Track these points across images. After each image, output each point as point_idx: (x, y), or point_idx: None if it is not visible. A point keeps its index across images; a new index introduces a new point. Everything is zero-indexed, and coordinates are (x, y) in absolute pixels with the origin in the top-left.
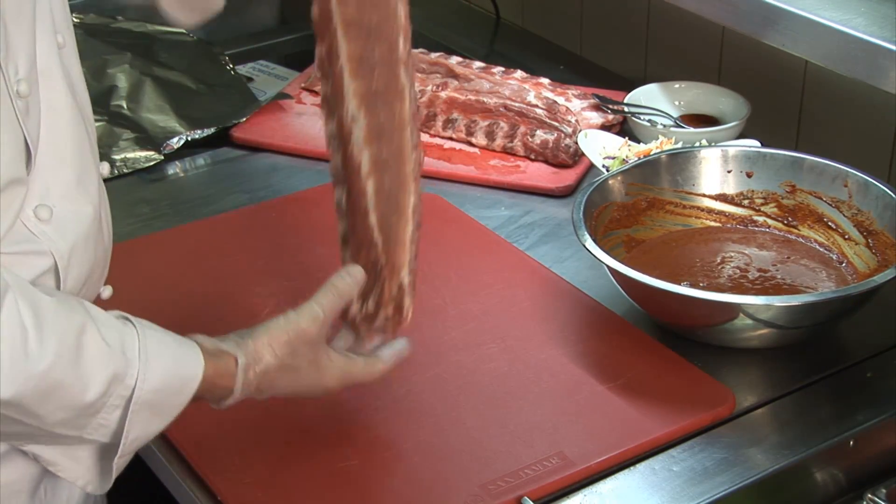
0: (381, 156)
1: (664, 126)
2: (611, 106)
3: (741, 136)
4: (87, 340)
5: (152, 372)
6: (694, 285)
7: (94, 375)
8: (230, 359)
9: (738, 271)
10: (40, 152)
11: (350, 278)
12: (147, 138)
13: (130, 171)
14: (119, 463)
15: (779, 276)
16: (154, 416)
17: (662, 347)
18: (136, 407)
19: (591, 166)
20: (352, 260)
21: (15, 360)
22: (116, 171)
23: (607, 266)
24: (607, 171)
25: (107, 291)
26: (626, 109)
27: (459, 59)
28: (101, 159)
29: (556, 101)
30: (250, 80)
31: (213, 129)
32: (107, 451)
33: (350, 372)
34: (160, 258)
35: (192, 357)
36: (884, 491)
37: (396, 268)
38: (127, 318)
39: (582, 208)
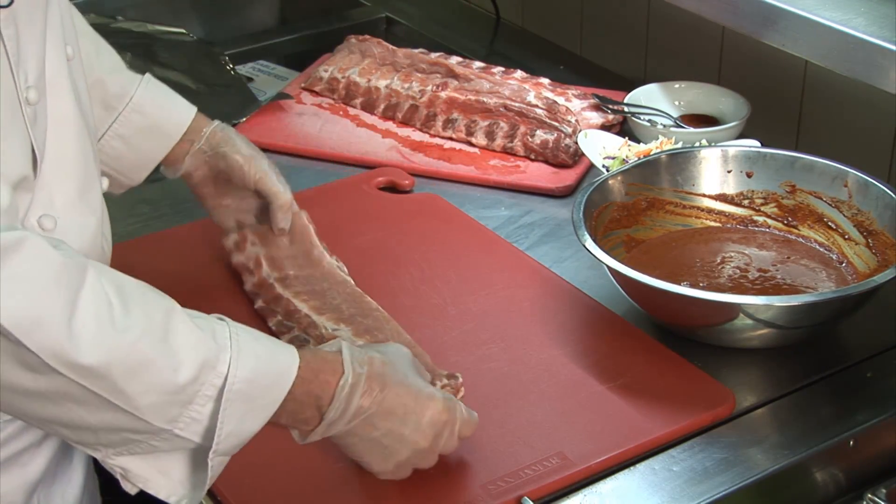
0: (376, 337)
1: (664, 126)
2: (611, 106)
3: (741, 136)
4: (176, 322)
5: (245, 361)
6: (694, 285)
7: (185, 357)
8: (334, 355)
9: (738, 271)
10: (46, 161)
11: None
12: None
13: None
14: (214, 463)
15: (779, 276)
16: (248, 412)
17: (662, 347)
18: (230, 396)
19: (591, 166)
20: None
21: (102, 327)
22: None
23: (607, 266)
24: (607, 171)
25: None
26: (625, 109)
27: (459, 59)
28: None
29: (556, 101)
30: (250, 80)
31: None
32: (199, 462)
33: (453, 408)
34: (160, 258)
35: (286, 350)
36: (884, 491)
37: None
38: (217, 316)
39: (582, 208)
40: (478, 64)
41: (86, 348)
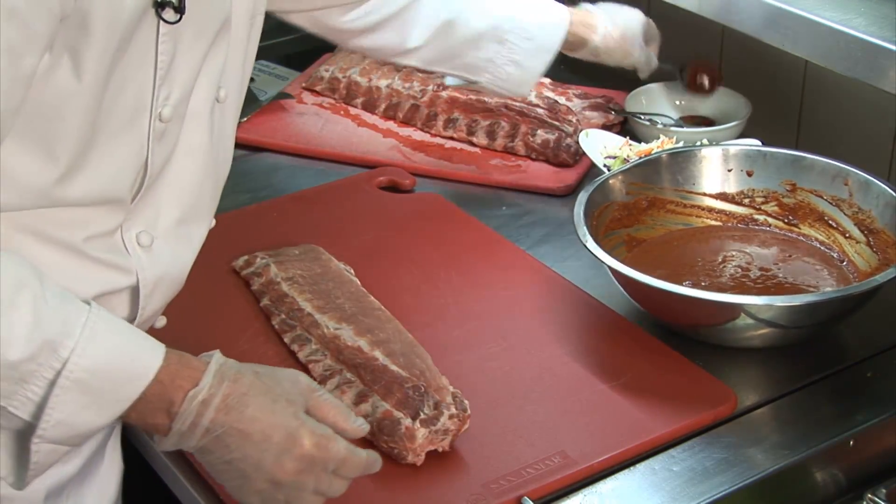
0: (377, 337)
1: (664, 125)
2: (613, 108)
3: (742, 135)
4: (25, 297)
5: (93, 350)
6: (696, 285)
7: (20, 334)
8: (200, 364)
9: (739, 270)
10: (162, 182)
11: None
12: None
13: None
14: (40, 449)
15: (780, 275)
16: (89, 404)
17: (664, 346)
18: (65, 384)
19: (592, 166)
20: (385, 398)
21: None
22: None
23: (608, 266)
24: (608, 170)
25: (161, 321)
26: (627, 110)
27: None
28: None
29: (556, 101)
30: (251, 79)
31: None
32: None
33: (325, 446)
34: None
35: (153, 352)
36: (884, 491)
37: (440, 386)
38: (89, 302)
39: (583, 208)
40: None
41: None
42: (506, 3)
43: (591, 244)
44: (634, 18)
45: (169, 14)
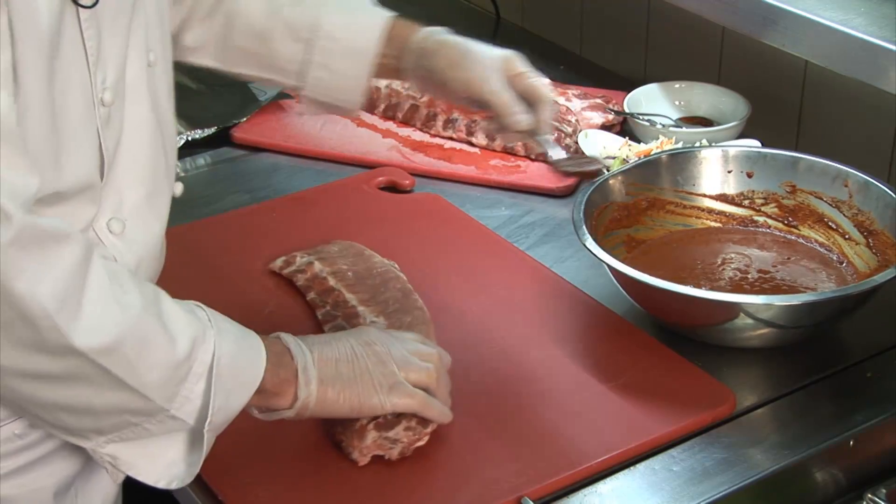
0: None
1: (664, 126)
2: (613, 108)
3: (741, 136)
4: (165, 302)
5: (226, 337)
6: (695, 287)
7: (179, 332)
8: (276, 338)
9: (738, 273)
10: (117, 165)
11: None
12: None
13: None
14: (208, 437)
15: (779, 277)
16: (234, 388)
17: (663, 347)
18: (220, 371)
19: None
20: None
21: (109, 305)
22: None
23: (608, 265)
24: (608, 170)
25: None
26: (627, 110)
27: None
28: None
29: (556, 101)
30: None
31: (213, 129)
32: (187, 443)
33: (417, 349)
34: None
35: (251, 333)
36: (884, 491)
37: None
38: (192, 302)
39: (582, 208)
40: None
41: (99, 326)
42: (302, 1)
43: (591, 244)
44: (493, 49)
45: None
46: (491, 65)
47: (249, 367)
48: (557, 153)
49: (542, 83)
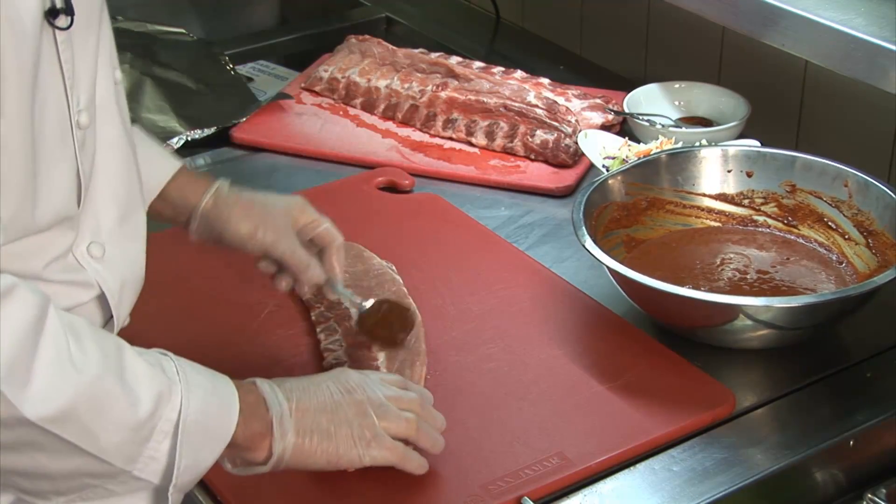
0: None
1: (663, 126)
2: (612, 108)
3: (741, 136)
4: (128, 358)
5: (195, 392)
6: (694, 288)
7: (141, 391)
8: (251, 385)
9: (737, 273)
10: (93, 188)
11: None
12: None
13: None
14: (174, 499)
15: (777, 278)
16: (203, 444)
17: (662, 347)
18: (186, 428)
19: (591, 166)
20: None
21: (63, 368)
22: None
23: (607, 267)
24: (607, 170)
25: (126, 320)
26: (627, 110)
27: (459, 59)
28: None
29: (556, 101)
30: (250, 80)
31: (213, 129)
32: (157, 500)
33: (398, 395)
34: (160, 258)
35: (225, 381)
36: (884, 491)
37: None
38: (159, 351)
39: (582, 208)
40: (478, 64)
41: (50, 394)
42: None
43: (590, 245)
44: (281, 199)
45: (61, 20)
46: (282, 223)
47: (220, 421)
48: (355, 299)
49: (329, 229)
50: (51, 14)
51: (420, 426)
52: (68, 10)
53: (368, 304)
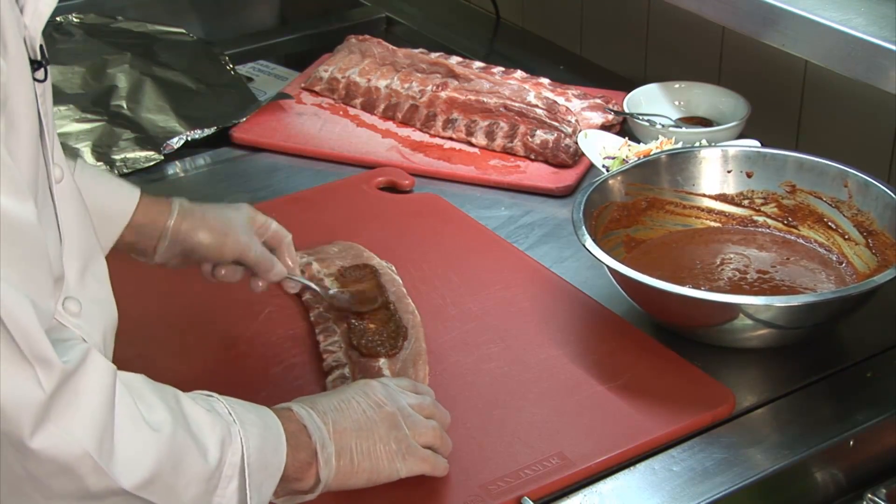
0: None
1: (663, 126)
2: (612, 108)
3: (741, 136)
4: (188, 407)
5: (250, 431)
6: (694, 288)
7: (207, 439)
8: (289, 412)
9: (737, 273)
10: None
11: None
12: (147, 138)
13: (130, 171)
14: None
15: (777, 278)
16: (263, 480)
17: (662, 347)
18: (251, 469)
19: (591, 166)
20: None
21: (141, 431)
22: (116, 172)
23: (607, 266)
24: (607, 171)
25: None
26: (627, 110)
27: (459, 59)
28: (100, 160)
29: (556, 101)
30: (250, 80)
31: (213, 129)
32: None
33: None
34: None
35: (269, 414)
36: (884, 491)
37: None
38: (205, 393)
39: (582, 208)
40: (478, 64)
41: (138, 459)
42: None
43: (590, 245)
44: (235, 208)
45: (40, 73)
46: (246, 230)
47: (273, 456)
48: (320, 287)
49: (278, 228)
50: (34, 67)
51: (443, 434)
52: (43, 62)
53: (333, 290)
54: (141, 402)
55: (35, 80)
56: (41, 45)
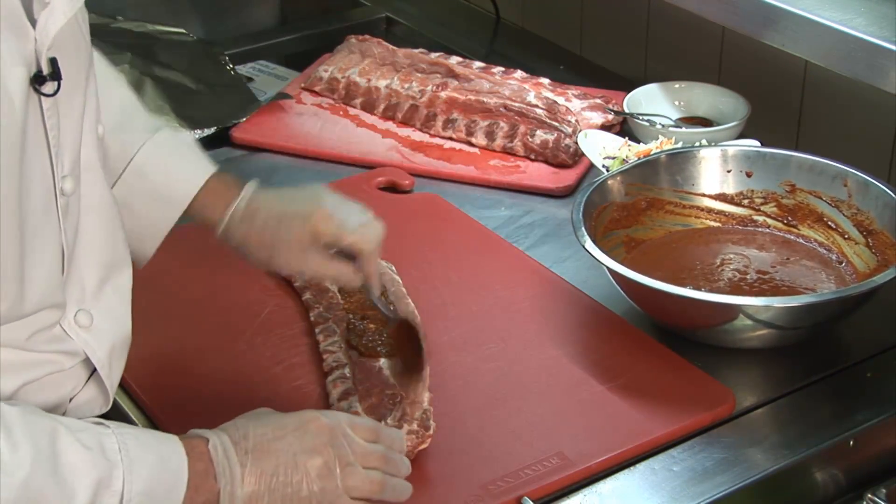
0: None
1: (663, 126)
2: (612, 108)
3: (741, 136)
4: (63, 445)
5: (138, 471)
6: (694, 288)
7: (78, 482)
8: (204, 447)
9: (737, 274)
10: (77, 254)
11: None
12: None
13: None
14: None
15: (777, 278)
16: None
17: (662, 347)
18: None
19: (591, 166)
20: (362, 400)
21: None
22: None
23: (607, 267)
24: (607, 171)
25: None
26: (627, 110)
27: (459, 59)
28: None
29: (556, 101)
30: (250, 80)
31: (213, 129)
32: None
33: (353, 425)
34: (160, 259)
35: (174, 449)
36: (884, 491)
37: (416, 400)
38: (100, 421)
39: (582, 208)
40: (478, 64)
41: None
42: (126, 130)
43: (590, 245)
44: (297, 217)
45: (48, 87)
46: (301, 245)
47: (165, 499)
48: (388, 310)
49: (356, 241)
50: (37, 80)
51: (386, 483)
52: (55, 76)
53: (394, 317)
54: (6, 439)
55: (42, 94)
56: (53, 59)
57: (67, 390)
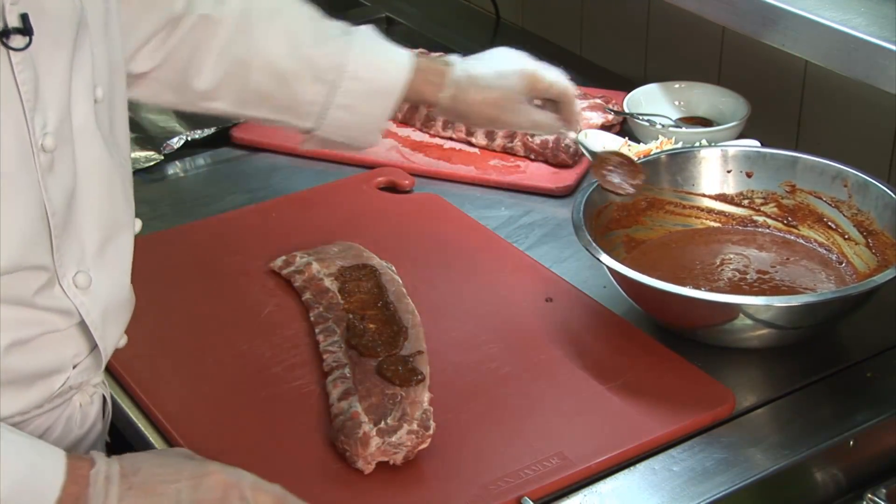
0: None
1: (663, 126)
2: (612, 108)
3: (741, 136)
4: None
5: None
6: (694, 288)
7: None
8: (86, 472)
9: (737, 274)
10: (76, 214)
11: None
12: (147, 138)
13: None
14: None
15: (777, 278)
16: None
17: (662, 347)
18: None
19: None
20: (362, 400)
21: None
22: None
23: (607, 267)
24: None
25: (123, 340)
26: (627, 110)
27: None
28: None
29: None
30: None
31: (213, 129)
32: None
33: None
34: (160, 258)
35: (54, 465)
36: (884, 491)
37: (416, 400)
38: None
39: (582, 208)
40: None
41: None
42: (327, 42)
43: (590, 245)
44: (514, 74)
45: (17, 41)
46: (519, 102)
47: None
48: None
49: (562, 92)
50: (3, 35)
51: None
52: (25, 31)
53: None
54: None
55: (9, 48)
56: (25, 14)
57: (68, 355)
